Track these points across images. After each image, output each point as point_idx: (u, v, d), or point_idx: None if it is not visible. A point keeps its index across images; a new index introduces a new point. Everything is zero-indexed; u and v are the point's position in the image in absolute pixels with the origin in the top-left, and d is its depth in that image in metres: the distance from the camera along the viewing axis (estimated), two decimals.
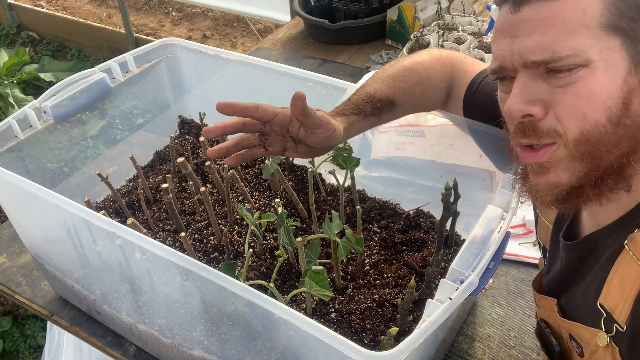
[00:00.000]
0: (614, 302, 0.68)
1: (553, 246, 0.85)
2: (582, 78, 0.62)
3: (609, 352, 0.69)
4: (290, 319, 0.70)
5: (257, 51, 2.17)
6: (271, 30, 3.82)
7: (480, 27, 1.95)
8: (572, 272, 0.78)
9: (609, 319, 0.69)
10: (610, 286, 0.68)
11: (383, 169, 1.26)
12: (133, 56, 1.26)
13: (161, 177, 1.34)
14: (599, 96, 0.62)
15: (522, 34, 0.64)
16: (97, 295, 1.09)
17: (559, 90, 0.64)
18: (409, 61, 0.97)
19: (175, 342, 0.98)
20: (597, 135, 0.63)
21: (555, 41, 0.62)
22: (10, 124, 1.07)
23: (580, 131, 0.64)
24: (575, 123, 0.64)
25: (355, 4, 2.14)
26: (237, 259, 1.09)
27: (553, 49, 0.62)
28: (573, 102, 0.63)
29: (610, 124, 0.63)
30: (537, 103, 0.66)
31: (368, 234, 1.17)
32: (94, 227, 0.90)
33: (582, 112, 0.63)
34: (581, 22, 0.61)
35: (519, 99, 0.66)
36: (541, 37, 0.63)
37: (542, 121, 0.66)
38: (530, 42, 0.64)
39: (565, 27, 0.62)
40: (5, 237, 1.38)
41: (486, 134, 0.97)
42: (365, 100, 0.92)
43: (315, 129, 0.84)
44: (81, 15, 4.46)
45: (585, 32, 0.61)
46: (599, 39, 0.62)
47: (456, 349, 1.09)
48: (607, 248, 0.71)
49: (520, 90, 0.66)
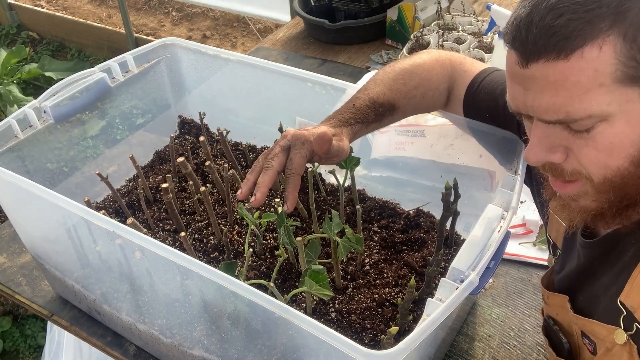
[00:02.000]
0: (636, 302, 0.68)
1: (567, 244, 0.85)
2: (602, 132, 0.61)
3: (626, 349, 0.69)
4: (290, 318, 0.70)
5: (257, 51, 2.17)
6: (271, 30, 3.82)
7: (480, 27, 1.95)
8: (591, 270, 0.78)
9: (629, 317, 0.69)
10: (634, 285, 0.68)
11: (383, 169, 1.26)
12: (133, 56, 1.26)
13: (161, 177, 1.34)
14: (620, 147, 0.61)
15: (534, 90, 0.62)
16: (97, 295, 1.09)
17: (580, 141, 0.63)
18: (409, 63, 0.97)
19: (175, 341, 0.98)
20: (619, 178, 0.63)
21: (568, 103, 0.60)
22: (10, 123, 1.07)
23: (604, 177, 0.64)
24: (598, 171, 0.64)
25: (355, 4, 2.15)
26: (237, 259, 1.09)
27: (567, 110, 0.60)
28: (595, 155, 0.62)
29: (634, 165, 0.62)
30: (557, 150, 0.65)
31: (368, 233, 1.17)
32: (94, 226, 0.90)
33: (604, 162, 0.62)
34: (594, 81, 0.58)
35: (538, 149, 0.65)
36: (552, 98, 0.60)
37: (565, 163, 0.66)
38: (543, 102, 0.61)
39: (577, 90, 0.59)
40: (5, 237, 1.38)
41: (486, 134, 0.97)
42: (369, 107, 0.91)
43: (331, 158, 0.87)
44: (81, 15, 4.46)
45: (600, 91, 0.58)
46: (615, 93, 0.58)
47: (456, 348, 1.09)
48: (630, 246, 0.71)
49: (539, 139, 0.65)
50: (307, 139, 0.83)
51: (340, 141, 0.86)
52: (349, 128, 0.90)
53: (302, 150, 0.83)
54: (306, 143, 0.83)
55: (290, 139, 0.84)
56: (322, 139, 0.81)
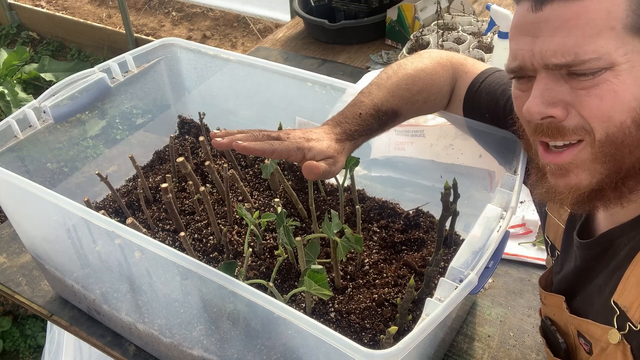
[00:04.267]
0: (629, 301, 0.68)
1: (565, 245, 0.85)
2: (606, 80, 0.61)
3: (620, 349, 0.70)
4: (290, 318, 0.70)
5: (256, 51, 2.17)
6: (271, 30, 3.82)
7: (480, 27, 1.96)
8: (587, 271, 0.78)
9: (622, 316, 0.69)
10: (627, 284, 0.68)
11: (383, 169, 1.26)
12: (133, 56, 1.26)
13: (161, 177, 1.34)
14: (624, 98, 0.61)
15: (544, 35, 0.63)
16: (96, 295, 1.09)
17: (582, 92, 0.63)
18: (412, 68, 0.95)
19: (174, 341, 0.98)
20: (621, 137, 0.63)
21: (578, 44, 0.61)
22: (10, 124, 1.07)
23: (606, 132, 0.63)
24: (600, 125, 0.63)
25: (355, 4, 2.15)
26: (236, 259, 1.09)
27: (576, 51, 0.61)
28: (598, 105, 0.62)
29: (635, 125, 0.62)
30: (558, 105, 0.65)
31: (367, 233, 1.17)
32: (93, 226, 0.90)
33: (608, 114, 0.62)
34: (606, 23, 0.60)
35: (539, 100, 0.66)
36: (564, 39, 0.61)
37: (566, 121, 0.66)
38: (553, 44, 0.62)
39: (589, 29, 0.60)
40: (5, 237, 1.38)
41: (486, 134, 0.97)
42: (373, 116, 0.89)
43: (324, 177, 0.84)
44: (81, 15, 4.46)
45: (610, 34, 0.60)
46: (624, 41, 0.60)
47: (455, 348, 1.09)
48: (624, 246, 0.71)
49: (541, 92, 0.66)
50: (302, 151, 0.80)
51: (333, 165, 0.82)
52: (352, 143, 0.88)
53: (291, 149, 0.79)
54: (299, 152, 0.80)
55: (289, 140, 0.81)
56: (311, 171, 0.78)
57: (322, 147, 0.81)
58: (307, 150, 0.80)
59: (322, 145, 0.82)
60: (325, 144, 0.82)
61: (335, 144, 0.84)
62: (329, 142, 0.83)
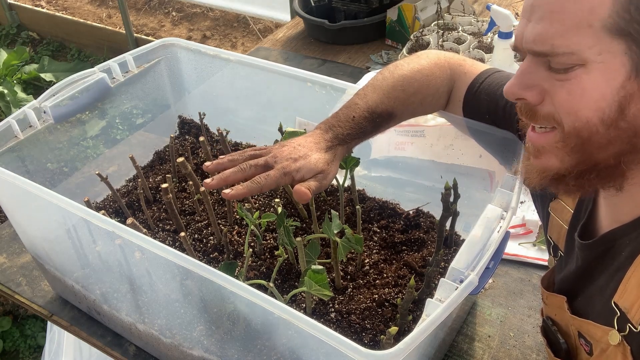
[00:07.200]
0: (629, 302, 0.68)
1: (568, 246, 0.85)
2: (577, 76, 0.62)
3: (620, 350, 0.70)
4: (290, 318, 0.70)
5: (257, 51, 2.17)
6: (271, 30, 3.82)
7: (480, 27, 1.95)
8: (588, 271, 0.78)
9: (622, 318, 0.69)
10: (627, 286, 0.68)
11: (383, 169, 1.26)
12: (133, 56, 1.26)
13: (161, 177, 1.34)
14: (591, 97, 0.62)
15: (534, 20, 0.64)
16: (97, 295, 1.09)
17: (557, 83, 0.65)
18: (408, 69, 0.95)
19: (175, 341, 0.98)
20: (587, 134, 0.64)
21: (556, 35, 0.62)
22: (10, 124, 1.07)
23: (573, 126, 0.65)
24: (567, 117, 0.65)
25: (355, 4, 2.15)
26: (236, 259, 1.09)
27: (552, 42, 0.62)
28: (566, 98, 0.64)
29: (603, 125, 0.63)
30: (534, 89, 0.67)
31: (368, 233, 1.17)
32: (93, 227, 0.90)
33: (574, 109, 0.64)
34: (586, 20, 0.60)
35: (517, 81, 0.68)
36: (546, 28, 0.63)
37: (540, 106, 0.67)
38: (536, 30, 0.64)
39: (569, 22, 0.61)
40: (5, 237, 1.38)
41: (486, 134, 0.97)
42: (366, 118, 0.90)
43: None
44: (81, 15, 4.46)
45: (587, 32, 0.61)
46: (600, 40, 0.60)
47: (456, 348, 1.09)
48: (625, 246, 0.71)
49: (521, 73, 0.67)
50: (290, 175, 0.81)
51: (324, 179, 0.83)
52: (345, 147, 0.88)
53: (279, 178, 0.81)
54: (287, 177, 0.81)
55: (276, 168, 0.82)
56: (300, 197, 0.79)
57: (310, 164, 0.82)
58: (294, 172, 0.81)
59: (310, 163, 0.82)
60: (313, 160, 0.83)
61: (325, 155, 0.85)
62: (317, 155, 0.84)
